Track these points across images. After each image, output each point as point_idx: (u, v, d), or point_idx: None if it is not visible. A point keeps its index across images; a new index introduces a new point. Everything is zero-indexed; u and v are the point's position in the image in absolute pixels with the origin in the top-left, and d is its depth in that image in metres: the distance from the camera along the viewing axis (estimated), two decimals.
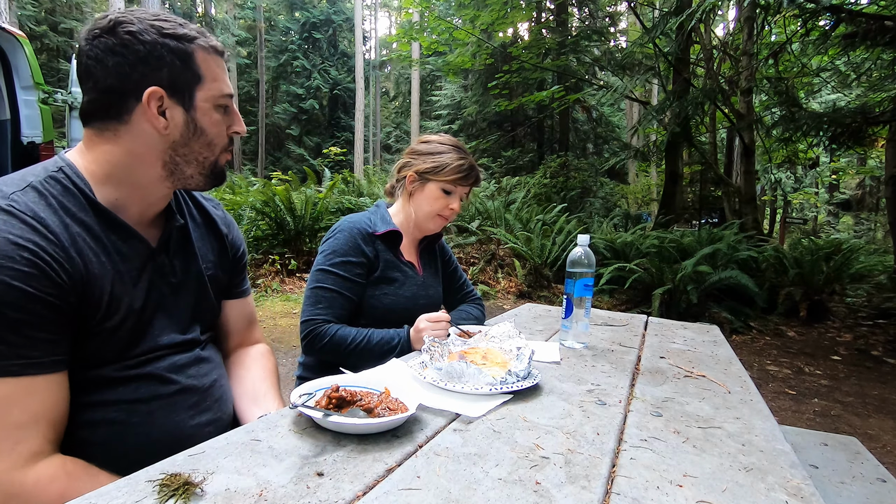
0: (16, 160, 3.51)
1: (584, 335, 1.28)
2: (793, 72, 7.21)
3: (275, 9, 25.62)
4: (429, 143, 1.43)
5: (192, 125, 0.78)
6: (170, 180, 0.81)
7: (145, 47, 0.73)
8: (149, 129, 0.76)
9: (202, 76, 0.77)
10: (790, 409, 3.15)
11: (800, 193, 14.87)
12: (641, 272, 5.23)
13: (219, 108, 0.80)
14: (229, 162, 0.89)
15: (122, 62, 0.73)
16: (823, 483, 1.35)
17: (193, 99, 0.77)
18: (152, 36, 0.74)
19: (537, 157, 13.05)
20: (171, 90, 0.75)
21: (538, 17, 12.63)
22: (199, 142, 0.79)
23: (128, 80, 0.74)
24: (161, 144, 0.77)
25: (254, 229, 5.94)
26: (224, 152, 0.84)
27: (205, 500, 0.52)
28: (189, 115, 0.77)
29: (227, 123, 0.83)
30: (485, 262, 6.42)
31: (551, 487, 0.59)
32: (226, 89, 0.81)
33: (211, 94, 0.79)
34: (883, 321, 5.10)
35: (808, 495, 0.62)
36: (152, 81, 0.74)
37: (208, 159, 0.82)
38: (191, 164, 0.80)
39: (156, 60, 0.74)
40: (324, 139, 23.57)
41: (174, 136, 0.77)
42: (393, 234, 1.40)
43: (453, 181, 1.38)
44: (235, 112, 0.84)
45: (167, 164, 0.79)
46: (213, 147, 0.81)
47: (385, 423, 0.70)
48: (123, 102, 0.74)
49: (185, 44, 0.76)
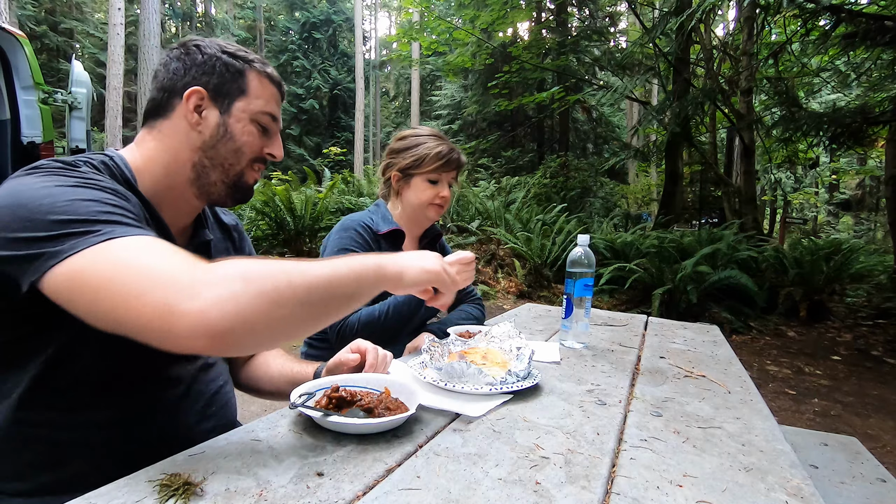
0: (16, 160, 3.51)
1: (584, 335, 1.28)
2: (793, 72, 7.21)
3: (275, 9, 25.62)
4: (405, 139, 1.43)
5: (222, 128, 0.81)
6: (196, 185, 0.83)
7: (203, 57, 0.81)
8: (183, 125, 0.80)
9: (247, 91, 0.83)
10: (790, 409, 3.15)
11: (800, 193, 14.87)
12: (641, 272, 5.23)
13: (255, 123, 0.84)
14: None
15: (180, 66, 0.81)
16: (823, 483, 1.35)
17: (231, 107, 0.82)
18: (213, 50, 0.82)
19: (537, 157, 13.05)
20: (214, 94, 0.81)
21: (538, 17, 12.64)
22: (226, 146, 0.82)
23: (180, 81, 0.80)
24: (192, 142, 0.81)
25: (254, 229, 5.94)
26: (253, 169, 0.86)
27: (205, 500, 0.52)
28: (223, 118, 0.81)
29: (264, 143, 0.86)
30: (485, 262, 6.42)
31: (551, 487, 0.59)
32: (267, 108, 0.84)
33: (250, 107, 0.83)
34: (883, 321, 5.10)
35: (808, 495, 0.62)
36: (199, 84, 0.80)
37: (234, 168, 0.84)
38: (216, 168, 0.82)
39: (209, 68, 0.81)
40: (324, 139, 23.56)
41: (204, 136, 0.81)
42: (396, 233, 1.40)
43: (436, 169, 1.38)
44: (276, 137, 0.88)
45: (196, 165, 0.82)
46: (241, 156, 0.83)
47: (385, 423, 0.70)
48: (170, 100, 0.81)
49: (241, 62, 0.82)
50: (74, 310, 0.59)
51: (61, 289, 0.58)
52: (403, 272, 0.77)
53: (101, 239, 0.58)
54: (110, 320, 0.57)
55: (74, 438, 0.72)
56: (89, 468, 0.72)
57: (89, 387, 0.73)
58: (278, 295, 0.57)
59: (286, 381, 0.99)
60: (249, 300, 0.55)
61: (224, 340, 0.55)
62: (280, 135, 0.90)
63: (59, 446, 0.72)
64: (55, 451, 0.72)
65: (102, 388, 0.74)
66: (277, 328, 0.59)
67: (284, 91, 0.90)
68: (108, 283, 0.56)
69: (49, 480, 0.71)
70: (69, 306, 0.59)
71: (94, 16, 21.35)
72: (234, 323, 0.54)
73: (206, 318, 0.53)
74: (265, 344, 0.62)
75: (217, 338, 0.54)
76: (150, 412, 0.78)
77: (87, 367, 0.72)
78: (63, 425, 0.71)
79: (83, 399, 0.72)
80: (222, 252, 0.97)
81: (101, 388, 0.74)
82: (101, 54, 17.68)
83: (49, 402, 0.71)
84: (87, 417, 0.73)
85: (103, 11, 19.73)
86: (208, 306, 0.54)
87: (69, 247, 0.58)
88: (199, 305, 0.53)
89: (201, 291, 0.54)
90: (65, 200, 0.61)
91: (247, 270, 0.58)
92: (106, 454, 0.73)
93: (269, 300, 0.57)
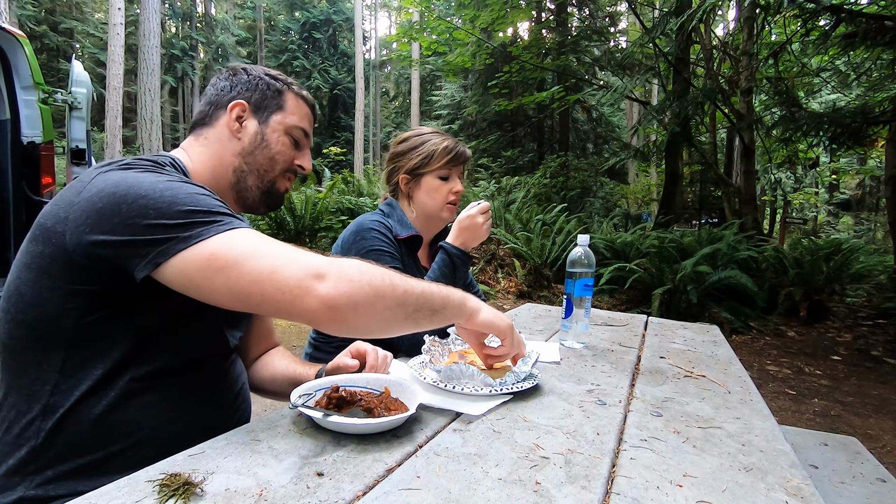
0: (16, 160, 3.51)
1: (584, 335, 1.28)
2: (793, 72, 7.21)
3: (275, 9, 25.62)
4: (407, 141, 1.40)
5: (259, 136, 0.91)
6: (235, 189, 0.92)
7: (248, 77, 0.93)
8: (226, 133, 0.90)
9: (284, 108, 0.93)
10: (790, 409, 3.15)
11: (800, 193, 14.87)
12: (641, 272, 5.23)
13: (289, 135, 0.93)
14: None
15: (227, 85, 0.92)
16: (823, 483, 1.35)
17: (269, 119, 0.92)
18: (257, 73, 0.94)
19: (537, 157, 13.05)
20: (255, 108, 0.91)
21: (538, 16, 12.64)
22: (262, 153, 0.91)
23: (226, 96, 0.91)
24: (233, 147, 0.90)
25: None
26: (284, 178, 0.95)
27: (205, 500, 0.52)
28: (261, 128, 0.91)
29: (295, 155, 0.95)
30: (485, 262, 6.42)
31: (551, 487, 0.59)
32: (301, 124, 0.94)
33: (286, 121, 0.93)
34: (883, 321, 5.10)
35: (808, 495, 0.62)
36: (242, 98, 0.91)
37: (268, 174, 0.92)
38: (252, 174, 0.91)
39: (252, 86, 0.92)
40: (324, 139, 23.56)
41: (244, 143, 0.90)
42: (414, 238, 1.36)
43: (446, 164, 1.35)
44: (307, 151, 0.98)
45: (236, 169, 0.91)
46: (275, 164, 0.92)
47: (385, 423, 0.70)
48: (216, 111, 0.91)
49: (281, 84, 0.94)
50: (208, 286, 0.66)
51: (194, 268, 0.65)
52: (479, 311, 0.86)
53: (226, 228, 0.68)
54: (245, 294, 0.65)
55: (125, 422, 0.73)
56: (134, 454, 0.73)
57: (145, 371, 0.75)
58: (382, 290, 0.69)
59: (288, 382, 1.00)
60: (361, 286, 0.67)
61: (337, 314, 0.66)
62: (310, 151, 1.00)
63: (109, 429, 0.73)
64: (104, 435, 0.73)
65: (156, 371, 0.76)
66: (374, 317, 0.69)
67: (318, 114, 1.00)
68: (246, 262, 0.65)
69: (93, 461, 0.72)
70: (201, 284, 0.66)
71: (94, 16, 21.36)
72: (347, 302, 0.66)
73: (329, 293, 0.65)
74: (363, 329, 0.70)
75: (333, 310, 0.65)
76: (195, 396, 0.81)
77: (148, 351, 0.75)
78: (116, 408, 0.73)
79: (138, 384, 0.74)
80: None
81: (155, 372, 0.76)
82: (101, 54, 17.69)
83: (107, 387, 0.72)
84: (139, 402, 0.74)
85: (103, 11, 19.74)
86: (331, 286, 0.65)
87: (199, 233, 0.66)
88: (324, 284, 0.65)
89: (326, 273, 0.66)
90: (185, 193, 0.69)
91: (361, 265, 0.69)
92: (151, 439, 0.75)
93: (375, 292, 0.68)
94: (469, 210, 1.31)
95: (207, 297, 0.67)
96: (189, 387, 0.80)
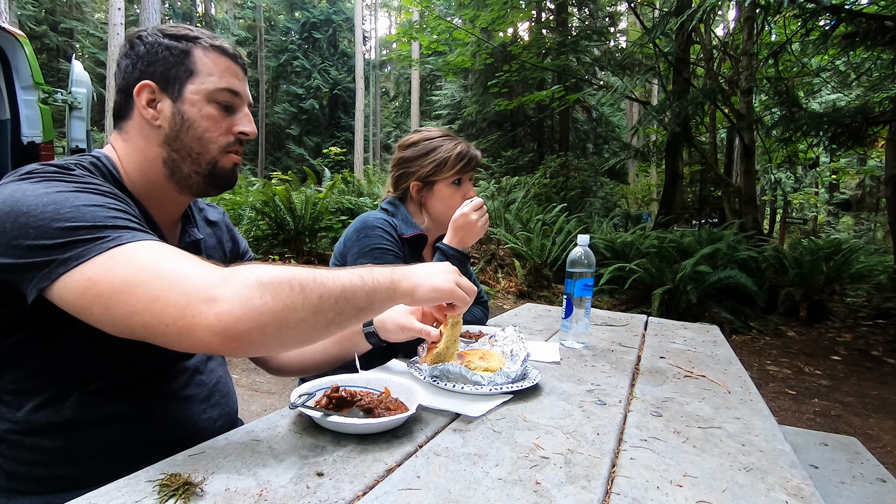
0: (16, 160, 3.51)
1: (584, 335, 1.28)
2: (793, 72, 7.21)
3: (275, 9, 25.60)
4: (417, 146, 1.36)
5: (178, 116, 0.77)
6: (173, 180, 0.80)
7: (146, 47, 0.78)
8: (143, 122, 0.78)
9: (195, 71, 0.78)
10: (790, 409, 3.15)
11: (800, 193, 14.86)
12: (641, 272, 5.23)
13: (213, 102, 0.79)
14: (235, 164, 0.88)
15: (128, 63, 0.78)
16: (823, 483, 1.35)
17: (183, 91, 0.77)
18: (154, 37, 0.78)
19: (537, 157, 13.04)
20: (163, 84, 0.77)
21: (538, 16, 12.64)
22: (188, 135, 0.78)
23: (130, 79, 0.78)
24: (156, 138, 0.78)
25: (254, 229, 5.93)
26: (226, 153, 0.81)
27: (205, 500, 0.52)
28: (176, 106, 0.77)
29: (231, 122, 0.81)
30: (485, 262, 6.42)
31: (551, 487, 0.59)
32: (222, 84, 0.79)
33: (203, 87, 0.78)
34: (883, 321, 5.10)
35: (808, 495, 0.62)
36: (146, 77, 0.77)
37: (203, 157, 0.80)
38: (185, 160, 0.79)
39: (152, 57, 0.77)
40: (324, 139, 23.55)
41: (165, 129, 0.78)
42: (419, 237, 1.35)
43: (459, 171, 1.33)
44: (244, 113, 0.83)
45: (167, 161, 0.79)
46: (207, 143, 0.79)
47: (385, 423, 0.70)
48: (128, 100, 0.78)
49: (184, 42, 0.78)
50: (87, 316, 0.59)
51: (73, 296, 0.58)
52: (416, 289, 0.77)
53: (110, 245, 0.59)
54: (126, 325, 0.58)
55: (87, 436, 0.72)
56: (104, 464, 0.72)
57: (97, 386, 0.73)
58: (291, 301, 0.60)
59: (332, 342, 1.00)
60: (263, 304, 0.58)
61: (238, 342, 0.57)
62: (250, 109, 0.85)
63: (71, 444, 0.72)
64: (68, 450, 0.72)
65: (111, 387, 0.74)
66: (288, 333, 0.61)
67: (244, 62, 0.84)
68: (124, 289, 0.57)
69: (63, 476, 0.72)
70: (81, 313, 0.59)
71: (94, 16, 21.35)
72: (248, 325, 0.57)
73: (221, 320, 0.56)
74: (276, 347, 0.62)
75: (232, 339, 0.57)
76: (158, 406, 0.79)
77: (95, 368, 0.72)
78: (74, 424, 0.72)
79: (93, 399, 0.73)
80: (213, 248, 0.96)
81: (110, 388, 0.74)
82: (101, 54, 17.67)
83: (59, 404, 0.71)
84: (97, 415, 0.73)
85: (103, 11, 19.73)
86: (224, 309, 0.56)
87: (79, 254, 0.58)
88: (215, 308, 0.56)
89: (217, 295, 0.56)
90: (69, 207, 0.61)
91: (261, 276, 0.59)
92: (118, 449, 0.74)
93: (282, 305, 0.59)
94: (462, 208, 1.28)
95: (96, 325, 0.60)
96: (153, 394, 0.78)
